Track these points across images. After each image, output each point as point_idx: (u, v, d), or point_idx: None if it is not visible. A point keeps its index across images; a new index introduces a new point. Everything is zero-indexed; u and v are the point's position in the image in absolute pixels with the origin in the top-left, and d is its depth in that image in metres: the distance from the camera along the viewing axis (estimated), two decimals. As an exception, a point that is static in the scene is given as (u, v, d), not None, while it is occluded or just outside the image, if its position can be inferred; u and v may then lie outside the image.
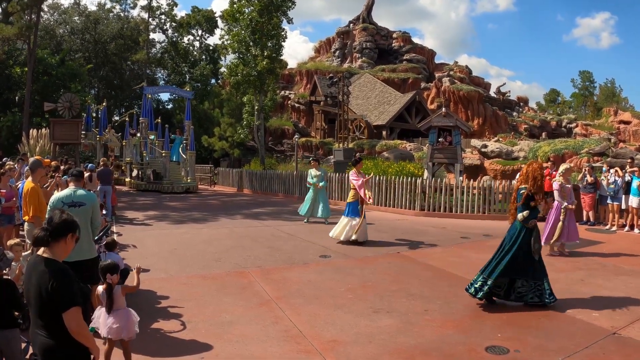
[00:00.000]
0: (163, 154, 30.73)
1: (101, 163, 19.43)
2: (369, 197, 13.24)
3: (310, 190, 17.26)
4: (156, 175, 30.48)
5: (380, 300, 8.00)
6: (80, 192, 6.73)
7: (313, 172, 17.48)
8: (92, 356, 3.65)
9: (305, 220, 17.09)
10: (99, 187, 16.62)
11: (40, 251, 3.61)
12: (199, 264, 10.58)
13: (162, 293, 8.34)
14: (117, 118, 37.22)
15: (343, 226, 13.18)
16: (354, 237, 12.83)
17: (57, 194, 6.77)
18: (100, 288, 5.62)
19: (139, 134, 32.90)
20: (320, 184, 17.09)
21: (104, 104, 38.84)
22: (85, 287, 3.83)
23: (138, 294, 8.21)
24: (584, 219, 16.75)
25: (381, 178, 20.84)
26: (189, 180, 31.36)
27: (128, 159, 33.22)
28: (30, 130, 30.04)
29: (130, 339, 5.58)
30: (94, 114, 38.20)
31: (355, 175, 13.34)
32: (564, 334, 6.56)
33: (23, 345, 4.78)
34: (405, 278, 9.50)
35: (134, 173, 32.44)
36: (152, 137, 32.50)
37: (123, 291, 5.74)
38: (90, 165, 18.85)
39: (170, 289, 8.56)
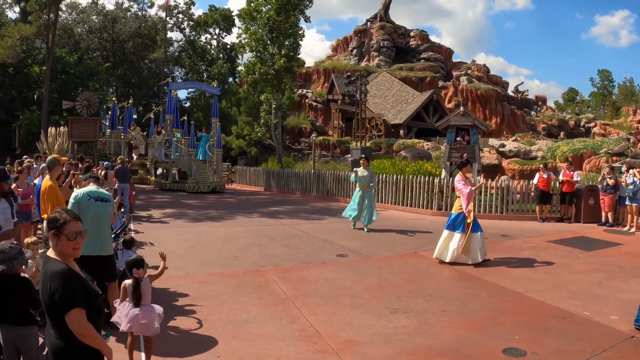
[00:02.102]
0: (189, 152, 29.85)
1: (119, 161, 19.54)
2: (469, 212, 10.80)
3: (357, 193, 15.25)
4: (181, 174, 29.99)
5: (397, 300, 7.97)
6: (104, 190, 6.85)
7: (360, 171, 15.32)
8: (105, 358, 3.56)
9: (353, 226, 15.30)
10: (117, 185, 16.73)
11: (49, 251, 3.57)
12: (215, 262, 10.60)
13: (178, 291, 8.37)
14: (135, 116, 37.18)
15: (446, 243, 10.91)
16: (464, 259, 10.57)
17: (82, 189, 6.86)
18: (128, 281, 5.65)
19: (163, 132, 32.49)
20: (370, 184, 15.27)
21: (130, 101, 38.89)
22: (93, 289, 3.70)
23: (155, 292, 8.24)
24: (603, 220, 16.59)
25: (398, 177, 20.76)
26: (215, 179, 30.46)
27: (152, 157, 32.88)
28: (49, 128, 30.22)
29: (154, 334, 5.61)
30: (118, 112, 38.16)
31: (462, 181, 11.00)
32: (582, 336, 6.50)
33: (41, 341, 4.81)
34: (422, 278, 9.47)
35: (159, 171, 32.28)
36: (177, 134, 31.73)
37: (152, 279, 5.79)
38: (106, 163, 19.02)
39: (187, 287, 8.59)
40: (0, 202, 5.75)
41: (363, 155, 18.37)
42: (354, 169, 16.19)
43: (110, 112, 35.88)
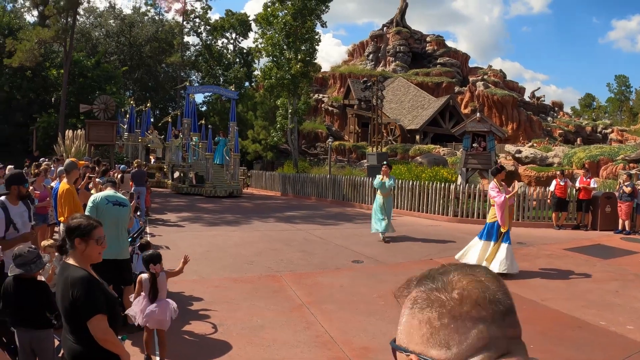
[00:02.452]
0: (206, 156, 29.89)
1: (135, 164, 19.67)
2: (504, 221, 10.30)
3: (380, 201, 14.36)
4: (199, 178, 29.94)
5: (411, 308, 7.95)
6: (120, 194, 6.94)
7: (387, 180, 14.40)
8: None
9: (387, 239, 14.22)
10: (133, 189, 16.85)
11: (68, 257, 3.60)
12: (231, 267, 10.65)
13: (194, 295, 8.43)
14: (152, 120, 37.29)
15: (482, 255, 10.46)
16: (498, 269, 9.95)
17: (100, 193, 6.94)
18: (145, 276, 5.71)
19: (181, 135, 32.50)
20: (387, 185, 14.38)
21: (148, 104, 39.09)
22: (112, 294, 3.78)
23: (169, 295, 8.31)
24: (620, 227, 16.47)
25: (414, 183, 20.74)
26: (232, 184, 30.19)
27: (170, 160, 32.79)
28: (66, 131, 30.50)
29: (167, 327, 5.69)
30: (136, 115, 38.30)
31: (496, 188, 10.46)
32: (597, 346, 6.47)
33: (56, 343, 4.87)
34: (437, 285, 9.43)
35: (175, 175, 32.26)
36: (195, 138, 31.72)
37: (168, 276, 5.85)
38: (122, 166, 19.16)
39: (202, 291, 8.65)
40: (17, 205, 5.82)
41: (385, 162, 17.92)
42: (377, 175, 14.97)
43: (128, 116, 36.08)
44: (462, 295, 1.07)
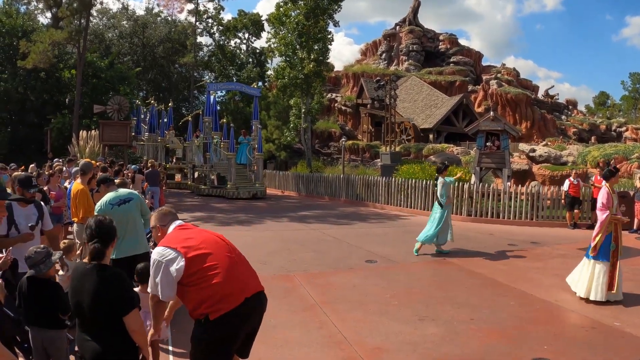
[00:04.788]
0: (228, 156, 28.67)
1: (149, 164, 19.75)
2: (595, 238, 8.61)
3: (441, 207, 12.38)
4: (220, 179, 29.41)
5: (425, 308, 7.96)
6: (123, 190, 6.90)
7: (447, 180, 12.71)
8: (140, 355, 3.83)
9: (446, 251, 12.52)
10: (147, 189, 16.95)
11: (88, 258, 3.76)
12: (244, 267, 10.65)
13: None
14: (165, 120, 37.36)
15: (588, 274, 8.58)
16: (614, 297, 8.37)
17: (103, 198, 6.94)
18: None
19: (202, 135, 31.90)
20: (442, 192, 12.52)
21: (170, 104, 39.04)
22: (135, 291, 4.07)
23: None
24: (635, 227, 16.33)
25: (428, 182, 20.69)
26: (256, 185, 29.12)
27: (190, 161, 32.42)
28: (80, 132, 30.67)
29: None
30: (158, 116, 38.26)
31: (606, 196, 8.50)
32: (611, 347, 6.42)
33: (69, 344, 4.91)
34: (451, 285, 9.43)
35: (196, 176, 32.00)
36: (216, 138, 30.95)
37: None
38: (134, 166, 19.28)
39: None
40: (25, 207, 5.87)
41: (446, 162, 16.01)
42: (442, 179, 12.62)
43: (148, 115, 36.07)
44: None
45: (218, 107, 57.76)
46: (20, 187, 6.07)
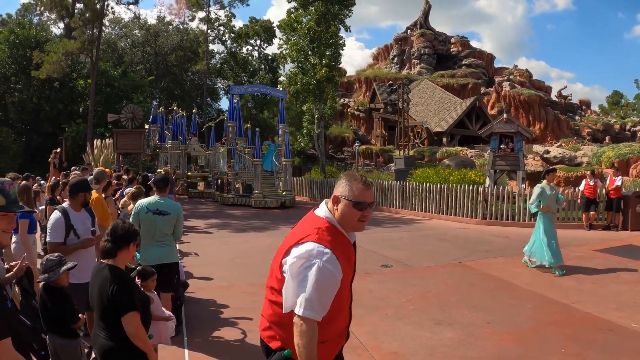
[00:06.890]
0: (254, 163, 26.94)
1: (162, 172, 19.85)
2: None
3: (545, 218, 10.96)
4: (246, 187, 28.07)
5: (441, 312, 7.98)
6: (166, 202, 6.93)
7: (548, 189, 10.91)
8: None
9: (560, 272, 10.45)
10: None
11: (108, 260, 3.88)
12: (260, 273, 10.68)
13: (222, 301, 8.51)
14: (184, 126, 37.39)
15: None
16: None
17: (142, 200, 7.04)
18: None
19: (227, 141, 29.79)
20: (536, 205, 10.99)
21: (194, 110, 38.89)
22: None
23: (199, 302, 8.46)
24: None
25: (442, 186, 20.65)
26: (284, 193, 27.56)
27: (213, 168, 31.09)
28: (94, 140, 30.91)
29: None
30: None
31: None
32: (628, 350, 6.41)
33: (86, 350, 4.96)
34: (467, 289, 9.43)
35: (219, 183, 30.42)
36: (240, 143, 29.19)
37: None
38: (150, 175, 19.37)
39: (232, 297, 8.73)
40: (80, 212, 5.94)
41: (551, 168, 13.32)
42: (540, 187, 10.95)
43: (172, 122, 35.72)
44: None
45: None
46: (82, 191, 6.01)
